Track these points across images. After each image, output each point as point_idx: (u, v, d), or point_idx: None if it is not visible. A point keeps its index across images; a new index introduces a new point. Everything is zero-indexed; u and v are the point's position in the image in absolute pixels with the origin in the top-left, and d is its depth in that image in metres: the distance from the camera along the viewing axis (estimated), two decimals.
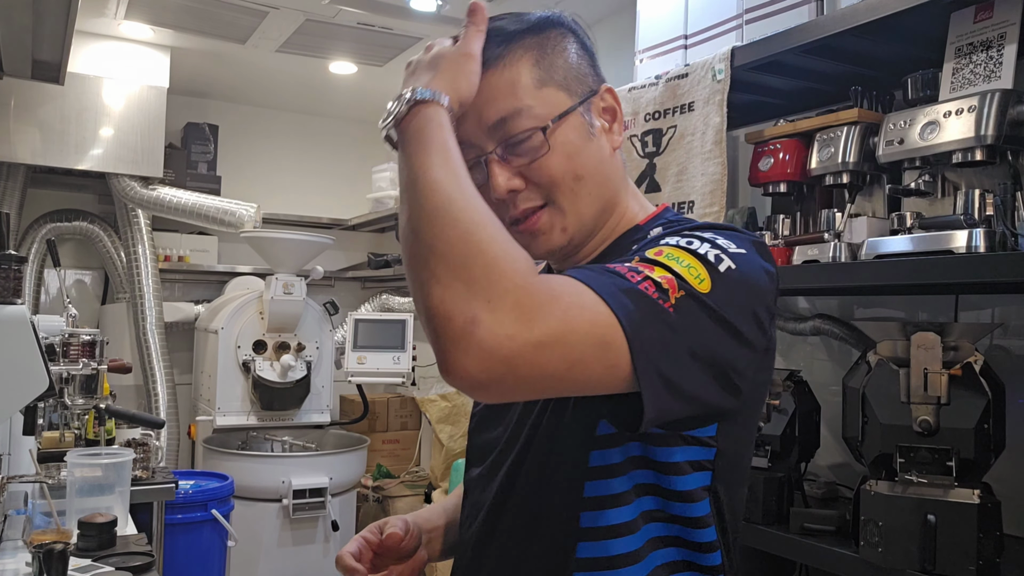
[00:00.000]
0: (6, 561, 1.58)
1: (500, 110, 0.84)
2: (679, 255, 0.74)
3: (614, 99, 0.91)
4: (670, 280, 0.71)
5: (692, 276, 0.72)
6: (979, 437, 1.35)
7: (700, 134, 1.74)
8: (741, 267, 0.75)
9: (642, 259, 0.74)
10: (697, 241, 0.76)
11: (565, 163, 0.85)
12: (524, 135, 0.83)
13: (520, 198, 0.85)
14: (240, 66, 3.87)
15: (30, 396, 1.51)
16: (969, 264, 1.26)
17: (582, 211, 0.87)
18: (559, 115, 0.85)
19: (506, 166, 0.85)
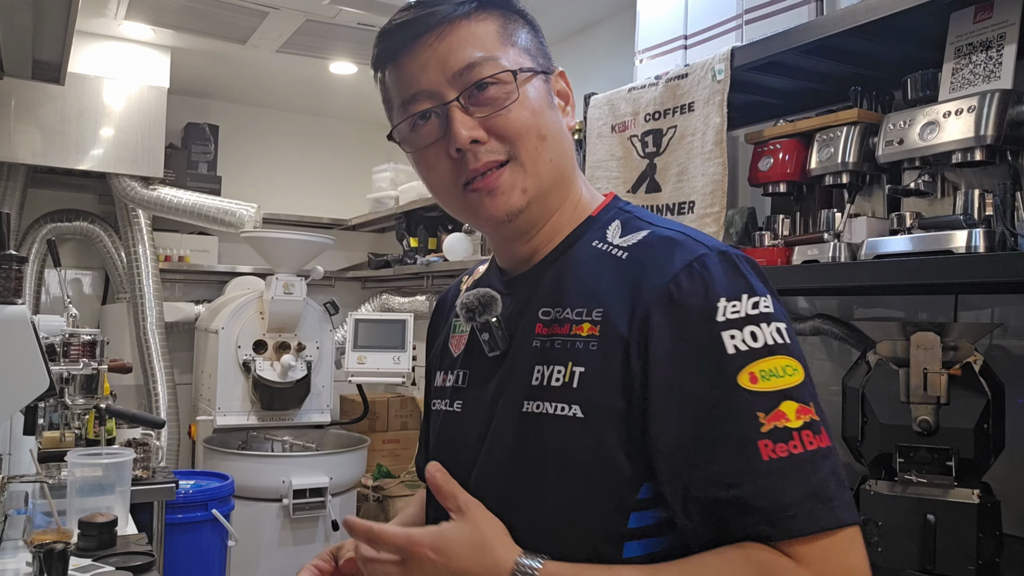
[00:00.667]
0: (6, 561, 1.58)
1: (468, 57, 0.82)
2: (771, 365, 0.72)
3: (566, 84, 0.92)
4: (800, 410, 0.71)
5: (790, 378, 0.72)
6: (979, 437, 1.35)
7: (700, 134, 1.74)
8: (782, 315, 0.76)
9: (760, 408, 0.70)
10: (755, 328, 0.73)
11: (531, 118, 0.83)
12: (492, 79, 0.82)
13: (482, 151, 0.82)
14: (240, 66, 3.87)
15: (30, 396, 1.51)
16: (969, 264, 1.26)
17: (542, 174, 0.85)
18: (526, 68, 0.84)
19: (468, 116, 0.82)
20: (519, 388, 0.82)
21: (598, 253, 0.84)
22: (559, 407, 0.78)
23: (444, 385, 0.95)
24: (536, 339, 0.83)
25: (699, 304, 0.74)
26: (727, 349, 0.72)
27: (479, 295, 0.87)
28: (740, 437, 0.70)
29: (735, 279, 0.76)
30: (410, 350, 3.65)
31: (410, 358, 3.64)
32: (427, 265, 3.70)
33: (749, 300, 0.74)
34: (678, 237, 0.80)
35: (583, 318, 0.80)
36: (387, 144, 0.96)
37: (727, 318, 0.73)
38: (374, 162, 4.43)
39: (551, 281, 0.86)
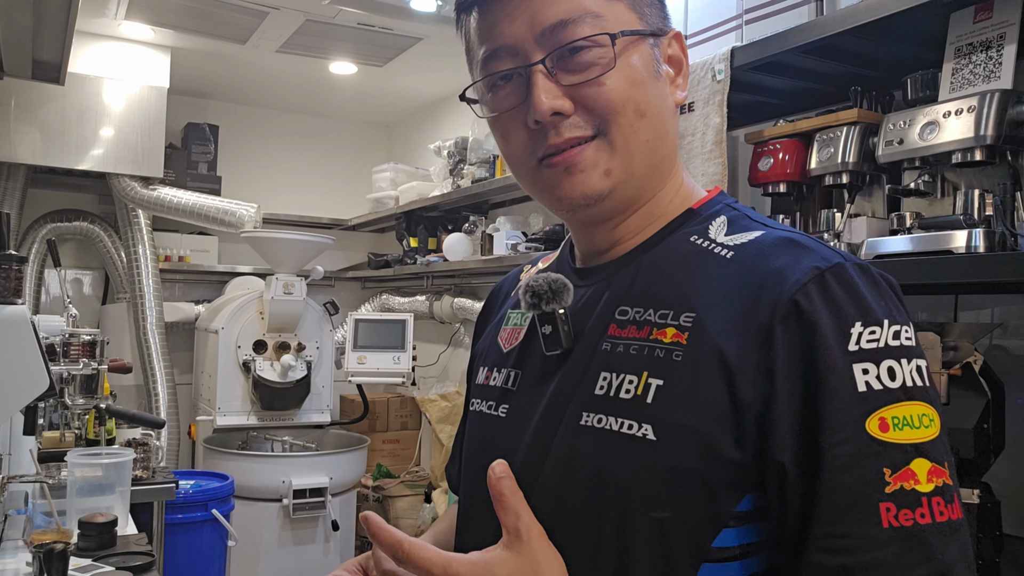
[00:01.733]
0: (6, 561, 1.58)
1: (562, 11, 0.69)
2: (906, 412, 0.60)
3: (682, 49, 0.77)
4: (933, 471, 0.59)
5: (926, 431, 0.60)
6: (979, 437, 1.35)
7: (700, 134, 1.74)
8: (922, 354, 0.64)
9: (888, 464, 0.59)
10: (894, 363, 0.61)
11: (629, 89, 0.70)
12: (587, 41, 0.69)
13: (565, 124, 0.70)
14: (240, 66, 3.87)
15: (30, 396, 1.51)
16: (969, 264, 1.26)
17: (634, 156, 0.72)
18: (631, 31, 0.71)
19: (553, 83, 0.70)
20: (580, 396, 0.70)
21: (696, 250, 0.71)
22: (626, 424, 0.66)
23: (489, 384, 0.82)
24: (606, 341, 0.71)
25: (831, 325, 0.61)
26: (858, 385, 0.60)
27: (550, 280, 0.74)
28: (858, 494, 0.59)
29: (876, 299, 0.63)
30: (410, 350, 3.65)
31: (410, 358, 3.64)
32: (427, 265, 3.70)
33: (890, 328, 0.62)
34: (804, 240, 0.68)
35: (667, 322, 0.68)
36: (387, 144, 0.93)
37: (861, 347, 0.61)
38: (374, 162, 4.43)
39: (635, 276, 0.73)
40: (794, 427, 0.61)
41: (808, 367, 0.61)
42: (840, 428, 0.60)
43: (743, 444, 0.62)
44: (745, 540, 0.64)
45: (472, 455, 0.81)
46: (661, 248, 0.74)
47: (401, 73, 3.82)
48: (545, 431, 0.71)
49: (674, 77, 0.76)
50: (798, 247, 0.67)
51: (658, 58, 0.74)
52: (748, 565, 0.64)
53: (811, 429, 0.60)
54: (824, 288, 0.63)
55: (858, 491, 0.59)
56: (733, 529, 0.63)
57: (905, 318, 0.64)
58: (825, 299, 0.62)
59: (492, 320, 0.91)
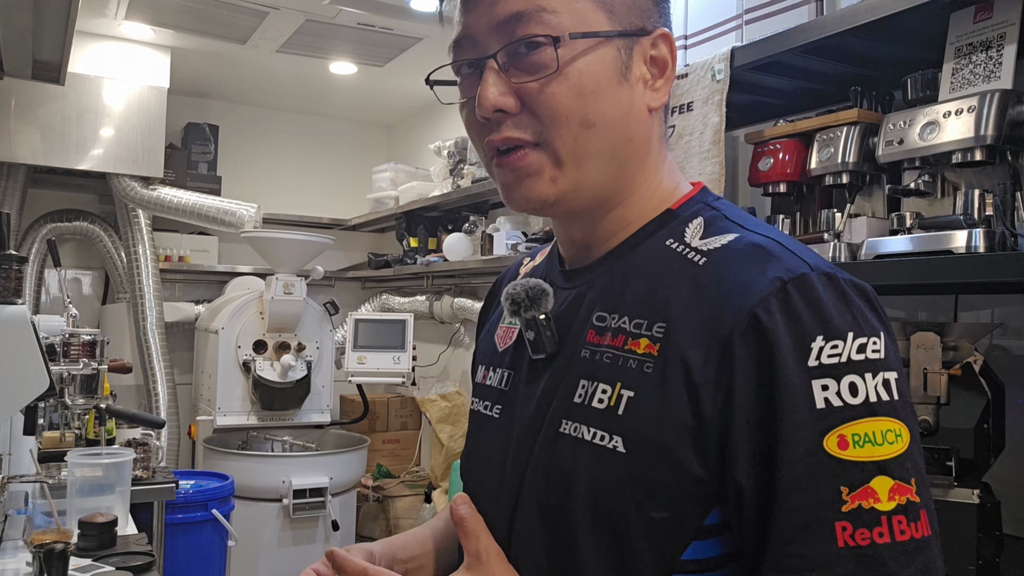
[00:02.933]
0: (6, 561, 1.58)
1: (518, 4, 0.67)
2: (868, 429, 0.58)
3: (669, 50, 0.72)
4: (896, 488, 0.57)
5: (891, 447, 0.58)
6: (979, 437, 1.35)
7: (698, 134, 1.74)
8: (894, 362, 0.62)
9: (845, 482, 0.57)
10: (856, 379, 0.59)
11: (574, 99, 0.67)
12: (533, 41, 0.66)
13: (508, 123, 0.68)
14: (240, 66, 3.87)
15: (30, 396, 1.51)
16: (969, 264, 1.26)
17: (584, 168, 0.69)
18: (587, 33, 0.67)
19: (503, 79, 0.68)
20: (560, 403, 0.70)
21: (671, 255, 0.69)
22: (598, 435, 0.65)
23: (486, 383, 0.82)
24: (586, 347, 0.70)
25: (789, 340, 0.59)
26: (816, 402, 0.58)
27: (528, 286, 0.73)
28: (814, 514, 0.57)
29: (840, 311, 0.61)
30: (410, 350, 3.65)
31: (410, 358, 3.64)
32: (427, 265, 3.70)
33: (854, 341, 0.60)
34: (772, 247, 0.65)
35: (641, 332, 0.66)
36: (387, 144, 0.92)
37: (821, 363, 0.59)
38: (374, 162, 4.43)
39: (612, 281, 0.72)
40: (751, 445, 0.60)
41: (766, 384, 0.59)
42: (796, 446, 0.58)
43: (706, 459, 0.61)
44: (714, 552, 0.63)
45: (471, 452, 0.82)
46: (638, 252, 0.72)
47: (401, 73, 3.82)
48: (528, 436, 0.71)
49: (654, 80, 0.72)
50: (765, 255, 0.64)
51: (627, 61, 0.69)
52: None
53: (769, 447, 0.59)
54: (786, 301, 0.61)
55: (813, 510, 0.57)
56: (702, 542, 0.63)
57: (874, 328, 0.61)
58: (786, 312, 0.60)
59: (491, 316, 0.91)
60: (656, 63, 0.72)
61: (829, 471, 0.57)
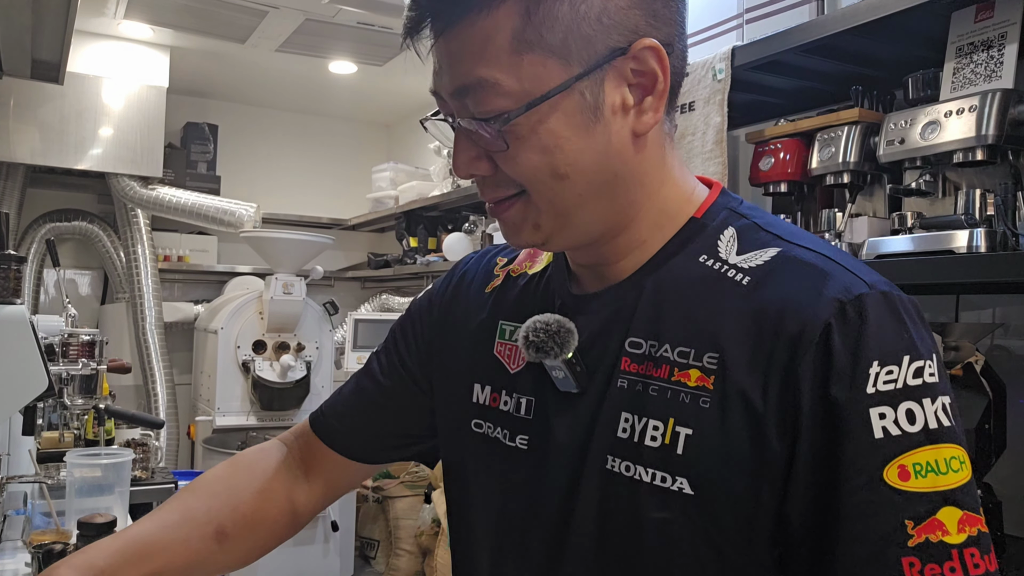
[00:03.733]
0: (5, 561, 1.58)
1: (461, 75, 0.63)
2: (930, 458, 0.55)
3: (658, 61, 0.63)
4: (965, 519, 0.55)
5: (955, 476, 0.56)
6: (980, 437, 1.35)
7: (701, 134, 1.73)
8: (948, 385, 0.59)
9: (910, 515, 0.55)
10: (914, 405, 0.56)
11: (538, 159, 0.63)
12: (484, 118, 0.63)
13: (488, 182, 0.66)
14: (240, 66, 3.86)
15: (29, 396, 1.50)
16: (970, 264, 1.26)
17: (568, 212, 0.65)
18: (539, 98, 0.61)
19: (472, 143, 0.65)
20: (602, 438, 0.65)
21: (708, 274, 0.65)
22: (658, 476, 0.62)
23: (500, 408, 0.75)
24: (622, 377, 0.65)
25: (849, 366, 0.57)
26: (874, 432, 0.56)
27: (551, 331, 0.67)
28: (878, 551, 0.55)
29: (897, 333, 0.58)
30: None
31: None
32: (427, 265, 3.70)
33: (911, 365, 0.57)
34: (823, 265, 0.62)
35: (690, 362, 0.62)
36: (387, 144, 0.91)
37: (878, 389, 0.56)
38: (374, 162, 4.43)
39: (644, 303, 0.67)
40: (810, 476, 0.58)
41: (827, 412, 0.57)
42: (855, 477, 0.56)
43: (776, 494, 0.59)
44: None
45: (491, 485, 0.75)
46: (668, 269, 0.67)
47: (401, 73, 3.82)
48: (572, 471, 0.67)
49: (639, 101, 0.64)
50: (818, 274, 0.61)
51: (596, 99, 0.63)
52: None
53: (828, 480, 0.57)
54: (845, 325, 0.58)
55: (878, 547, 0.55)
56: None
57: (929, 349, 0.59)
58: (845, 337, 0.58)
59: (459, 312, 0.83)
60: (645, 77, 0.64)
61: (891, 503, 0.55)
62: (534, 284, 0.77)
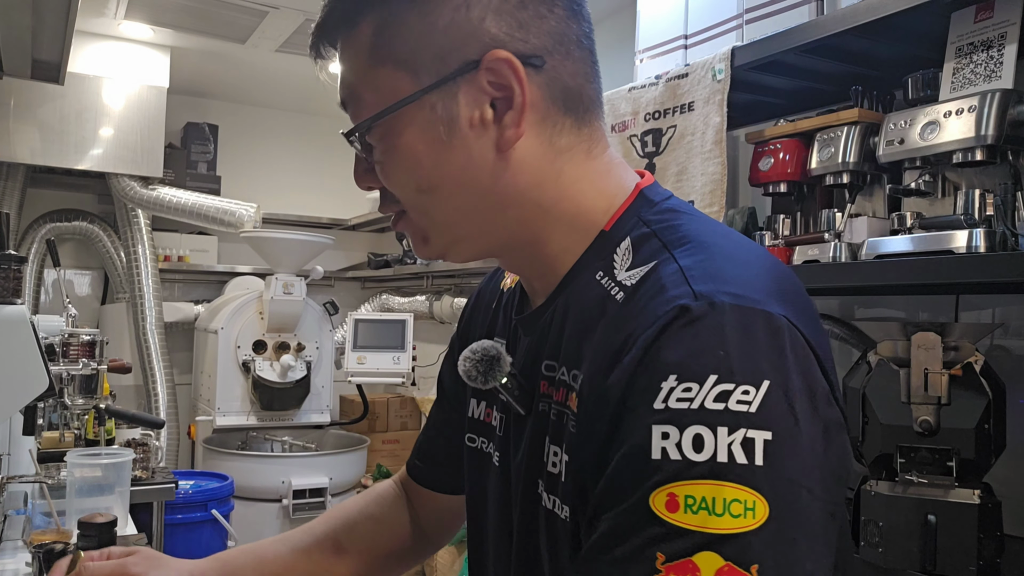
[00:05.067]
0: (6, 561, 1.58)
1: (341, 88, 0.67)
2: (707, 494, 0.48)
3: (514, 73, 0.60)
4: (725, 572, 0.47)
5: (734, 521, 0.47)
6: (980, 437, 1.35)
7: (700, 134, 1.74)
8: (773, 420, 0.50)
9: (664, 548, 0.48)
10: (704, 430, 0.49)
11: (399, 173, 0.63)
12: (351, 135, 0.65)
13: (382, 199, 0.68)
14: (240, 66, 3.86)
15: (30, 396, 1.51)
16: (969, 264, 1.26)
17: (447, 226, 0.65)
18: (377, 113, 0.62)
19: (362, 158, 0.67)
20: (533, 462, 0.66)
21: (601, 292, 0.62)
22: (554, 501, 0.62)
23: (484, 421, 0.77)
24: (542, 400, 0.65)
25: (645, 375, 0.52)
26: (652, 451, 0.50)
27: (476, 356, 0.66)
28: (622, 571, 0.50)
29: (711, 349, 0.51)
30: (410, 350, 3.65)
31: (410, 358, 3.64)
32: (427, 265, 3.70)
33: (715, 387, 0.50)
34: (668, 279, 0.57)
35: (572, 385, 0.61)
36: None
37: (668, 406, 0.50)
38: None
39: (554, 324, 0.66)
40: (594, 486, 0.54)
41: (620, 432, 0.53)
42: (624, 493, 0.51)
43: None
44: None
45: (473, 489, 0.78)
46: (573, 289, 0.65)
47: None
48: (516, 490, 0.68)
49: (499, 115, 0.62)
50: (660, 288, 0.56)
51: (450, 114, 0.61)
52: None
53: (605, 488, 0.53)
54: (649, 342, 0.53)
55: (622, 568, 0.49)
56: None
57: (756, 375, 0.50)
58: (649, 349, 0.53)
59: (474, 329, 0.84)
60: (498, 91, 0.61)
61: (648, 533, 0.49)
62: (507, 299, 0.78)
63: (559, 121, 0.64)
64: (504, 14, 0.61)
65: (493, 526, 0.73)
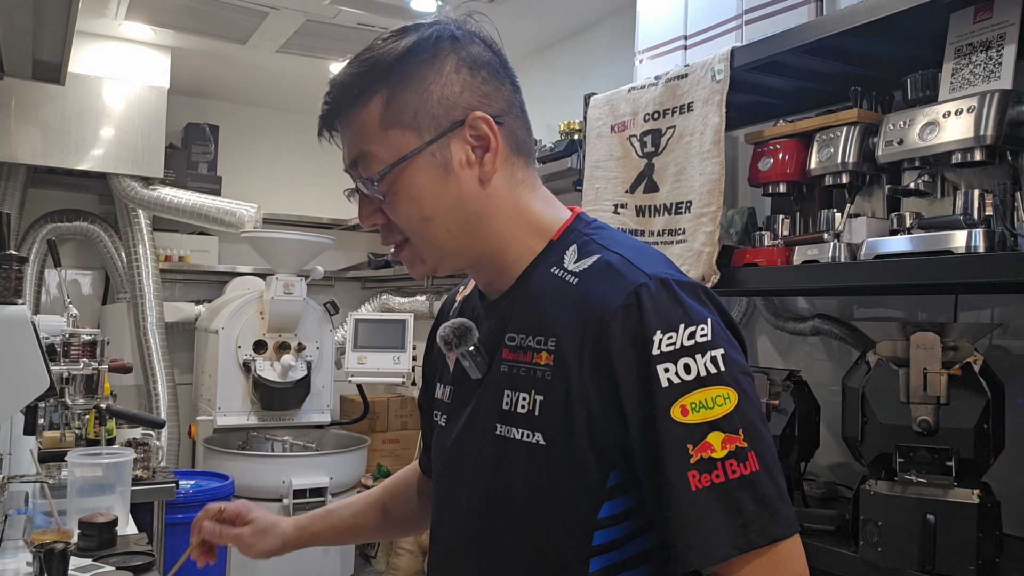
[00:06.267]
0: (7, 561, 1.59)
1: (352, 151, 0.87)
2: (701, 397, 0.76)
3: (489, 127, 0.86)
4: (726, 440, 0.75)
5: (719, 408, 0.76)
6: (978, 437, 1.35)
7: (699, 134, 1.74)
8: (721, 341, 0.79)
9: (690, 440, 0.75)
10: (689, 360, 0.77)
11: (409, 207, 0.86)
12: (368, 180, 0.86)
13: (384, 231, 0.90)
14: (240, 66, 3.87)
15: (31, 396, 1.51)
16: (968, 264, 1.26)
17: (440, 247, 0.88)
18: (400, 159, 0.85)
19: (369, 201, 0.88)
20: (492, 411, 0.87)
21: (556, 280, 0.86)
22: (525, 433, 0.84)
23: (442, 398, 0.99)
24: (504, 364, 0.88)
25: (640, 335, 0.77)
26: (661, 383, 0.76)
27: (454, 326, 0.91)
28: (673, 469, 0.75)
29: (672, 309, 0.78)
30: (410, 350, 3.65)
31: (410, 358, 3.64)
32: None
33: (685, 331, 0.77)
34: (619, 264, 0.82)
35: (541, 347, 0.84)
36: None
37: (662, 351, 0.77)
38: None
39: (515, 307, 0.89)
40: (632, 417, 0.77)
41: (632, 375, 0.77)
42: (654, 418, 0.76)
43: (595, 436, 0.80)
44: (621, 508, 0.82)
45: (435, 459, 1.01)
46: (532, 280, 0.89)
47: None
48: (466, 438, 0.91)
49: (477, 160, 0.86)
50: (614, 272, 0.82)
51: (445, 158, 0.85)
52: (630, 526, 0.82)
53: (643, 418, 0.77)
54: (628, 309, 0.78)
55: (674, 468, 0.75)
56: (611, 501, 0.81)
57: (702, 316, 0.78)
58: (628, 318, 0.78)
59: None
60: (479, 141, 0.86)
61: (678, 435, 0.75)
62: (466, 302, 1.02)
63: (516, 161, 0.90)
64: (475, 89, 0.86)
65: (441, 474, 0.96)
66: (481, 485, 0.89)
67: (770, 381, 1.69)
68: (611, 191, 1.93)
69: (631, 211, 1.89)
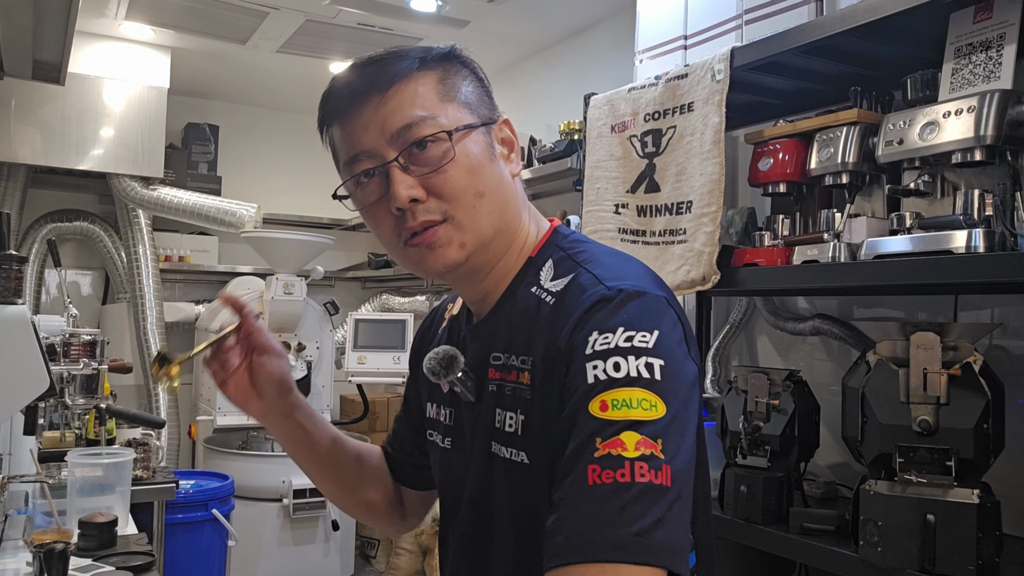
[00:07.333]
0: (7, 561, 1.59)
1: (406, 117, 0.84)
2: (625, 396, 0.72)
3: (511, 131, 0.92)
4: (642, 443, 0.70)
5: (644, 412, 0.72)
6: (978, 437, 1.35)
7: (699, 134, 1.74)
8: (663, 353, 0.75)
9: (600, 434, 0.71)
10: (620, 359, 0.74)
11: (467, 177, 0.85)
12: (430, 139, 0.83)
13: (420, 209, 0.84)
14: (240, 66, 3.87)
15: (31, 396, 1.51)
16: (968, 264, 1.27)
17: (481, 228, 0.86)
18: (464, 126, 0.85)
19: (407, 175, 0.84)
20: (486, 430, 0.88)
21: (535, 299, 0.87)
22: (512, 452, 0.85)
23: (437, 419, 0.99)
24: (492, 383, 0.88)
25: (582, 338, 0.77)
26: (587, 379, 0.75)
27: (439, 356, 0.90)
28: (575, 459, 0.72)
29: (616, 314, 0.77)
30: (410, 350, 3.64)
31: None
32: None
33: (623, 333, 0.75)
34: (587, 283, 0.82)
35: (524, 366, 0.84)
36: None
37: (594, 350, 0.76)
38: None
39: (498, 327, 0.90)
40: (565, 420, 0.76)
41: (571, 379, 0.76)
42: (574, 412, 0.74)
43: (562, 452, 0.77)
44: None
45: (440, 482, 1.01)
46: (514, 300, 0.89)
47: None
48: (472, 458, 0.91)
49: (508, 155, 0.91)
50: (582, 290, 0.82)
51: (491, 143, 0.88)
52: None
53: (568, 417, 0.75)
54: (584, 319, 0.79)
55: (573, 456, 0.72)
56: None
57: (647, 326, 0.76)
58: (581, 324, 0.78)
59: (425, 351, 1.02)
60: (505, 143, 0.91)
61: (590, 428, 0.72)
62: (454, 322, 1.01)
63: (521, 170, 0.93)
64: (488, 95, 0.92)
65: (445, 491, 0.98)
66: (476, 501, 0.90)
67: (770, 381, 1.69)
68: (612, 191, 1.93)
69: (632, 211, 1.89)
